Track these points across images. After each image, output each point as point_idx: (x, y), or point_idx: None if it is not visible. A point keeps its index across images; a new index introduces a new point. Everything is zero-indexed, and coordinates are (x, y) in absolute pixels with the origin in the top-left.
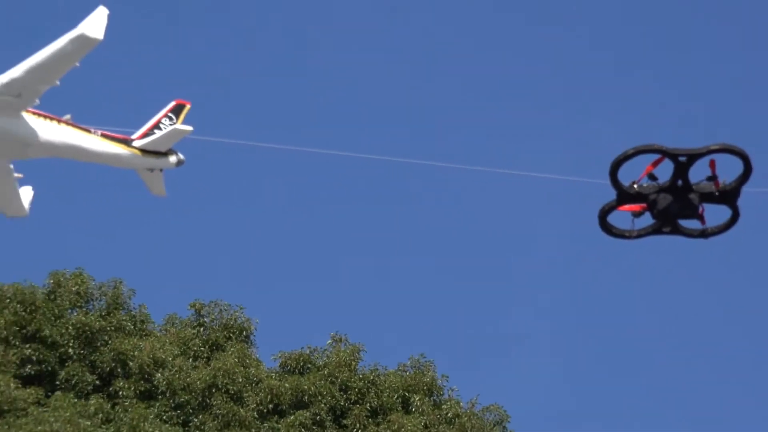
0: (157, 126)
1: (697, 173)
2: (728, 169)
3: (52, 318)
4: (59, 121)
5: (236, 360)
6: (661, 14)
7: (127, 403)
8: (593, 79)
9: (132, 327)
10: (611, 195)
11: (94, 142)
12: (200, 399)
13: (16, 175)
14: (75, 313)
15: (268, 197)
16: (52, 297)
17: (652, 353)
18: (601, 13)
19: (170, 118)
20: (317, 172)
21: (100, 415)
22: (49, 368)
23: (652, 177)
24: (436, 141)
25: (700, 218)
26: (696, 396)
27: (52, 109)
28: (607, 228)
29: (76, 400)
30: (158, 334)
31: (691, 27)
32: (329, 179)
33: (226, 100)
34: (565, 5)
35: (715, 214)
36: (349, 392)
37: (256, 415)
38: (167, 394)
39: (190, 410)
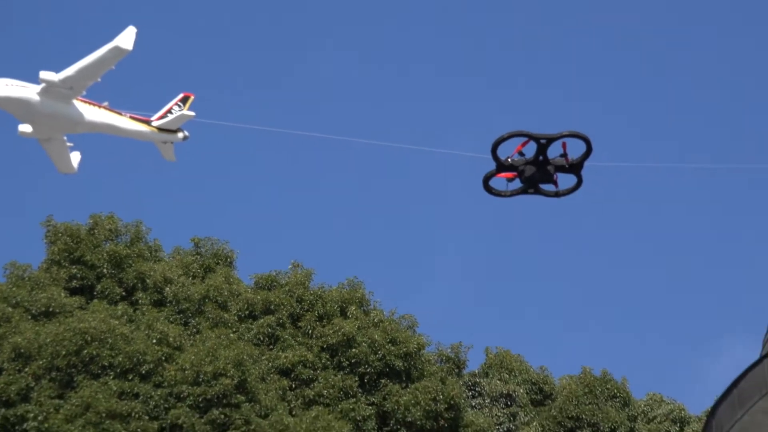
0: (169, 111)
1: (553, 151)
2: (576, 149)
3: (92, 247)
4: (99, 107)
5: (223, 279)
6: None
7: (144, 309)
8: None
9: (149, 254)
10: (492, 166)
11: (124, 122)
12: (197, 306)
13: (68, 144)
14: (108, 244)
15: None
16: (92, 232)
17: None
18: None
19: (179, 106)
20: (291, 149)
21: (125, 317)
22: (89, 283)
23: (521, 153)
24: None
25: (555, 183)
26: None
27: (94, 98)
28: (489, 189)
29: (108, 306)
30: (167, 260)
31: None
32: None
33: (221, 92)
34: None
35: (565, 180)
36: (303, 303)
37: (236, 319)
38: (173, 303)
39: (189, 314)
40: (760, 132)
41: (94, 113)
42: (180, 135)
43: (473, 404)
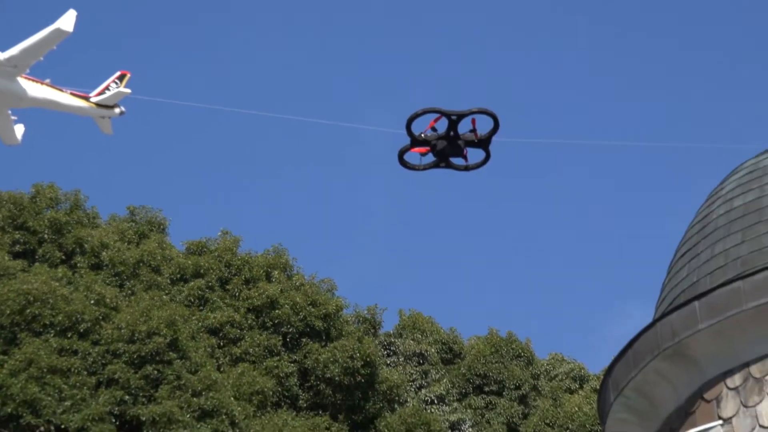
0: (107, 88)
1: (464, 127)
2: (485, 125)
3: (34, 214)
4: (42, 83)
5: (156, 245)
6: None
7: (83, 272)
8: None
9: (87, 221)
10: (407, 141)
11: (65, 98)
12: (132, 270)
13: (12, 117)
14: (49, 212)
15: (186, 138)
16: (34, 200)
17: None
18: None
19: (116, 83)
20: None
21: (65, 280)
22: (31, 248)
23: (433, 129)
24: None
25: (465, 158)
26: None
27: (37, 75)
28: (404, 163)
29: (48, 269)
30: (104, 227)
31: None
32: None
33: (157, 69)
34: None
35: (474, 155)
36: (231, 268)
37: (169, 282)
38: (110, 267)
39: (125, 277)
40: (656, 110)
41: (37, 89)
42: (117, 110)
43: (388, 362)
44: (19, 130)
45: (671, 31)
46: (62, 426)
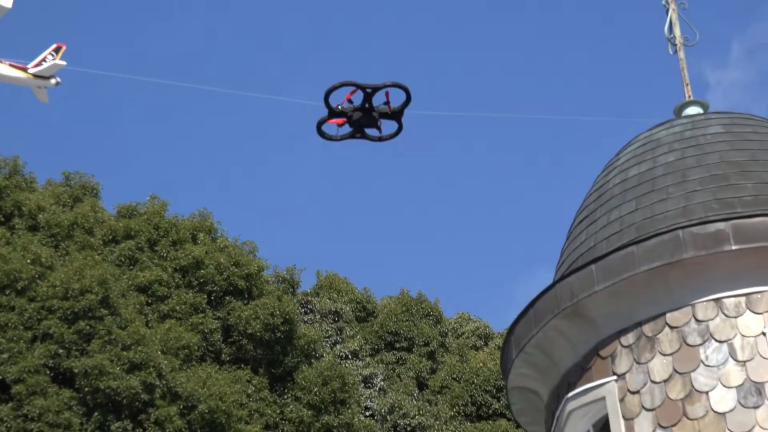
0: (43, 60)
1: (378, 100)
2: (398, 98)
3: None
4: None
5: (90, 208)
6: None
7: (20, 233)
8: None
9: (25, 185)
10: (325, 112)
11: (4, 69)
12: (66, 232)
13: None
14: None
15: (119, 108)
16: None
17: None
18: None
19: (52, 56)
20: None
21: (3, 240)
22: None
23: (350, 101)
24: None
25: (379, 129)
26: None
27: None
28: (321, 134)
29: None
30: (41, 191)
31: None
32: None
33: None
34: None
35: (387, 126)
36: (159, 230)
37: (101, 243)
38: (46, 228)
39: (60, 238)
40: (562, 86)
41: None
42: (53, 81)
43: (305, 319)
44: None
45: (572, 6)
46: (0, 377)
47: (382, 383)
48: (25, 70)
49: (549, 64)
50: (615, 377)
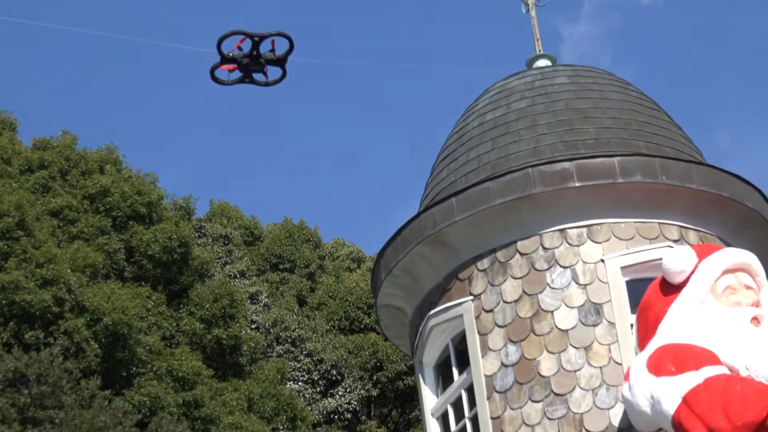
0: None
1: (266, 48)
2: (283, 46)
3: None
4: None
5: (8, 141)
6: None
7: None
8: None
9: None
10: (218, 58)
11: None
12: None
13: None
14: None
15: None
16: None
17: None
18: None
19: None
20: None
21: None
22: None
23: (240, 49)
24: None
25: (265, 74)
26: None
27: None
28: (214, 79)
29: None
30: None
31: None
32: None
33: None
34: None
35: (273, 72)
36: (70, 161)
37: (18, 172)
38: None
39: None
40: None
41: None
42: None
43: (199, 243)
44: None
45: None
46: None
47: (267, 300)
48: None
49: (423, 20)
50: (471, 297)
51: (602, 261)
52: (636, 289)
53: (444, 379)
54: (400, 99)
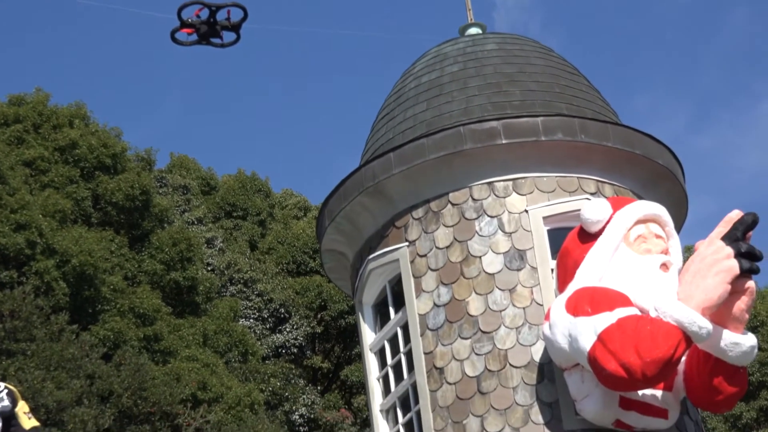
0: None
1: (221, 15)
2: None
3: None
4: None
5: None
6: None
7: None
8: None
9: None
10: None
11: None
12: None
13: None
14: None
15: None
16: None
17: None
18: None
19: None
20: None
21: None
22: None
23: (198, 16)
24: None
25: (221, 38)
26: None
27: None
28: (175, 40)
29: None
30: None
31: None
32: None
33: None
34: None
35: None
36: (42, 116)
37: None
38: None
39: None
40: (375, 7)
41: None
42: None
43: (160, 192)
44: None
45: None
46: None
47: (221, 245)
48: None
49: None
50: (407, 243)
51: (526, 211)
52: (556, 237)
53: (381, 317)
54: (345, 62)
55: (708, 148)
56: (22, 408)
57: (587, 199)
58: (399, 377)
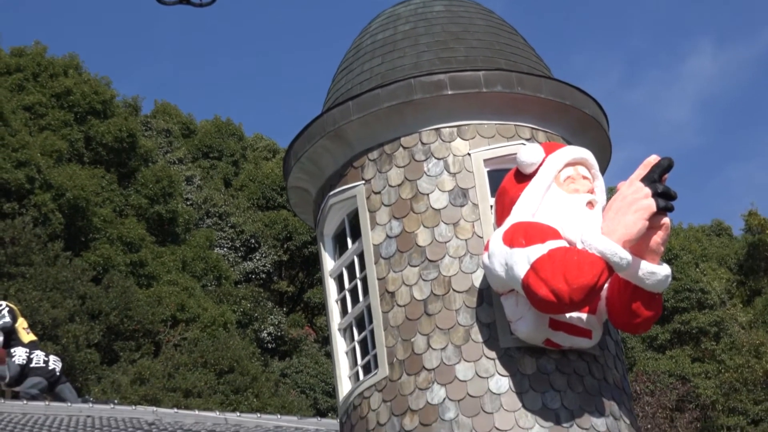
0: None
1: None
2: None
3: None
4: None
5: None
6: None
7: None
8: None
9: None
10: None
11: None
12: None
13: None
14: None
15: None
16: None
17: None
18: None
19: None
20: None
21: None
22: None
23: None
24: None
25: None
26: None
27: None
28: (160, 1)
29: None
30: None
31: None
32: None
33: None
34: None
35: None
36: (40, 66)
37: None
38: None
39: None
40: None
41: None
42: None
43: (145, 135)
44: None
45: None
46: None
47: (199, 182)
48: None
49: None
50: (363, 182)
51: (469, 155)
52: (496, 177)
53: (340, 247)
54: (313, 20)
55: (638, 102)
56: (22, 324)
57: (523, 144)
58: (355, 300)
